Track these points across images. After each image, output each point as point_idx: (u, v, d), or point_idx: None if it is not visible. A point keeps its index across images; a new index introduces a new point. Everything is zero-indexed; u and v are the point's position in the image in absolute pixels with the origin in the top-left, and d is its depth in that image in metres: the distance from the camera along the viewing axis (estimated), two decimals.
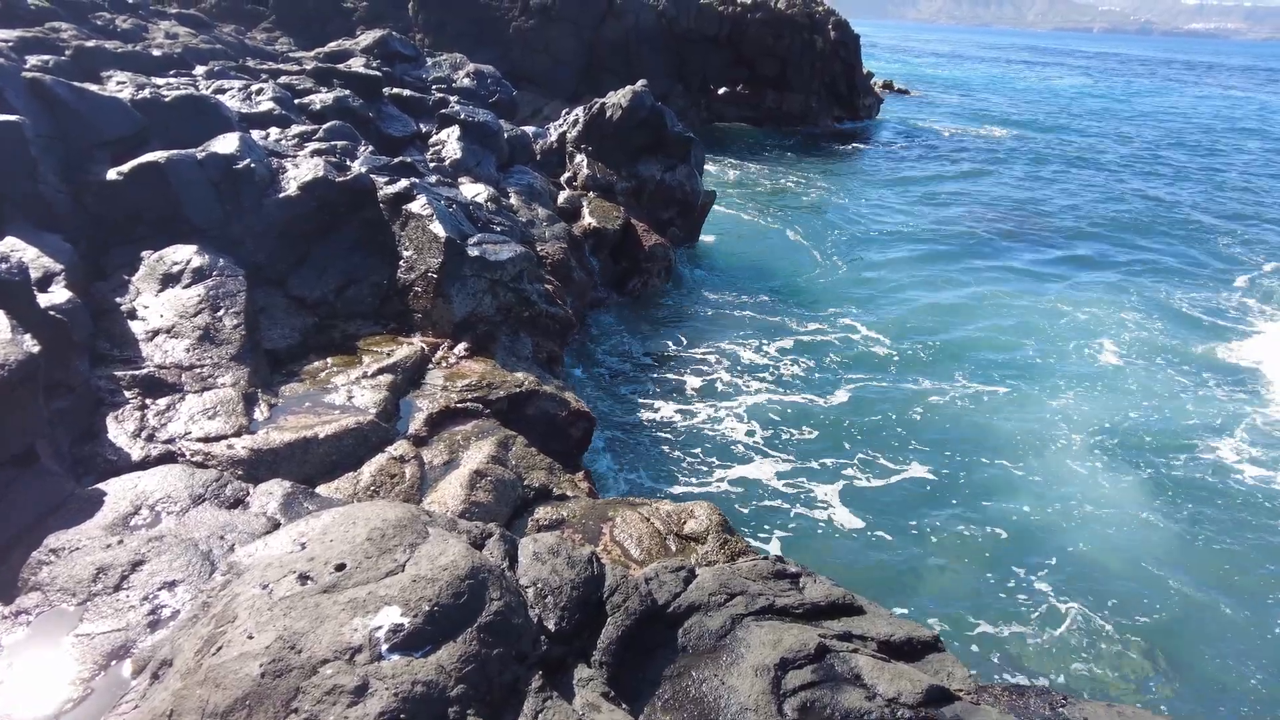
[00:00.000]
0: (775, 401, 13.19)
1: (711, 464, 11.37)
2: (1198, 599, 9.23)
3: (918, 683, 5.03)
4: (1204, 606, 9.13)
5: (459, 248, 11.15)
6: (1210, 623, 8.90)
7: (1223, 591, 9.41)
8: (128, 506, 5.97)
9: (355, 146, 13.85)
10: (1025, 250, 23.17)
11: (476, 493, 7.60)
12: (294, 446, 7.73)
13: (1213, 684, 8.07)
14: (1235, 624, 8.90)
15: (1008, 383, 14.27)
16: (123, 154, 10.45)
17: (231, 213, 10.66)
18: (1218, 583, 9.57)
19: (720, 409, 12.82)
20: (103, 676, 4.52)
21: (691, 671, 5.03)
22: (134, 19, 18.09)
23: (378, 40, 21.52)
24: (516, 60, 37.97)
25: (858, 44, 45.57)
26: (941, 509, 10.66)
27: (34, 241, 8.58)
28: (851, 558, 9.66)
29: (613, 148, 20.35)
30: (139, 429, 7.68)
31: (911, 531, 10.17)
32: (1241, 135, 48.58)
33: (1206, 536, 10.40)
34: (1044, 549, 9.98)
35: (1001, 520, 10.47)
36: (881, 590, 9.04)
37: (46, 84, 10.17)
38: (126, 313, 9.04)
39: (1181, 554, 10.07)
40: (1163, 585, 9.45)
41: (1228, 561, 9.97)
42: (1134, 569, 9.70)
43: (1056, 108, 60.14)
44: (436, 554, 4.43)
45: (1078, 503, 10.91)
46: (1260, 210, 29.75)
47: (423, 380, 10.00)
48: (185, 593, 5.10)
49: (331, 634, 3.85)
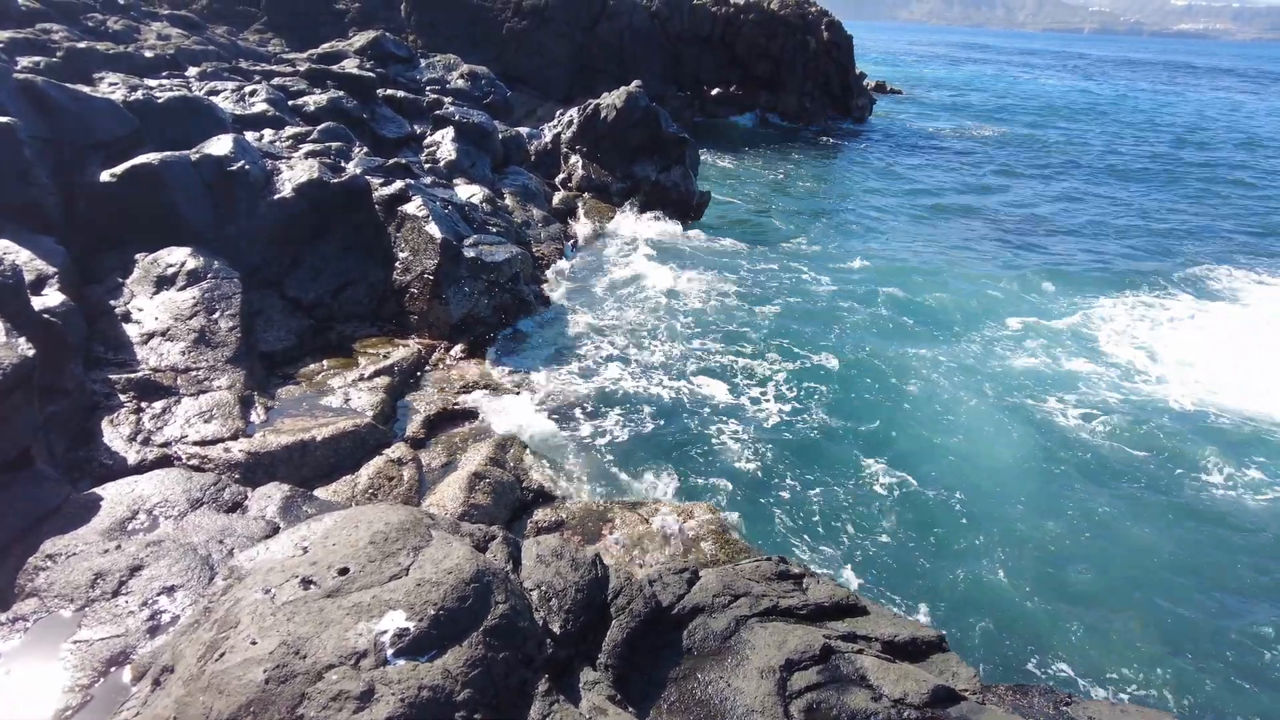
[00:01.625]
0: (766, 400, 13.17)
1: (707, 461, 11.33)
2: (1202, 599, 9.25)
3: (923, 683, 5.02)
4: (1209, 606, 9.15)
5: (455, 249, 11.11)
6: (1216, 620, 8.91)
7: (1228, 592, 9.43)
8: (125, 511, 5.91)
9: (350, 148, 13.79)
10: (998, 245, 23.78)
11: (475, 495, 7.57)
12: (291, 449, 7.68)
13: (1217, 682, 8.07)
14: (1242, 622, 8.92)
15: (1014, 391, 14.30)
16: (116, 156, 10.36)
17: (226, 215, 10.59)
18: (1222, 583, 9.60)
19: (711, 407, 12.79)
20: (102, 683, 4.46)
21: (697, 673, 5.01)
22: (125, 20, 17.97)
23: (371, 41, 21.45)
24: (510, 61, 37.89)
25: (850, 45, 45.66)
26: (944, 508, 10.65)
27: (27, 244, 8.49)
28: (852, 556, 9.64)
29: (608, 149, 20.33)
30: (134, 432, 7.62)
31: (911, 530, 10.16)
32: (1217, 137, 48.88)
33: (1209, 539, 10.43)
34: (1046, 546, 9.99)
35: (1004, 519, 10.48)
36: (886, 587, 9.03)
37: (39, 86, 10.08)
38: (121, 316, 8.97)
39: (1182, 553, 10.10)
40: (1167, 582, 9.47)
41: (1234, 561, 9.99)
42: (1138, 563, 9.72)
43: (1043, 108, 60.30)
44: (440, 557, 4.39)
45: (1073, 496, 10.92)
46: (1217, 212, 30.37)
47: (420, 382, 9.96)
48: (185, 598, 5.05)
49: (336, 639, 3.81)
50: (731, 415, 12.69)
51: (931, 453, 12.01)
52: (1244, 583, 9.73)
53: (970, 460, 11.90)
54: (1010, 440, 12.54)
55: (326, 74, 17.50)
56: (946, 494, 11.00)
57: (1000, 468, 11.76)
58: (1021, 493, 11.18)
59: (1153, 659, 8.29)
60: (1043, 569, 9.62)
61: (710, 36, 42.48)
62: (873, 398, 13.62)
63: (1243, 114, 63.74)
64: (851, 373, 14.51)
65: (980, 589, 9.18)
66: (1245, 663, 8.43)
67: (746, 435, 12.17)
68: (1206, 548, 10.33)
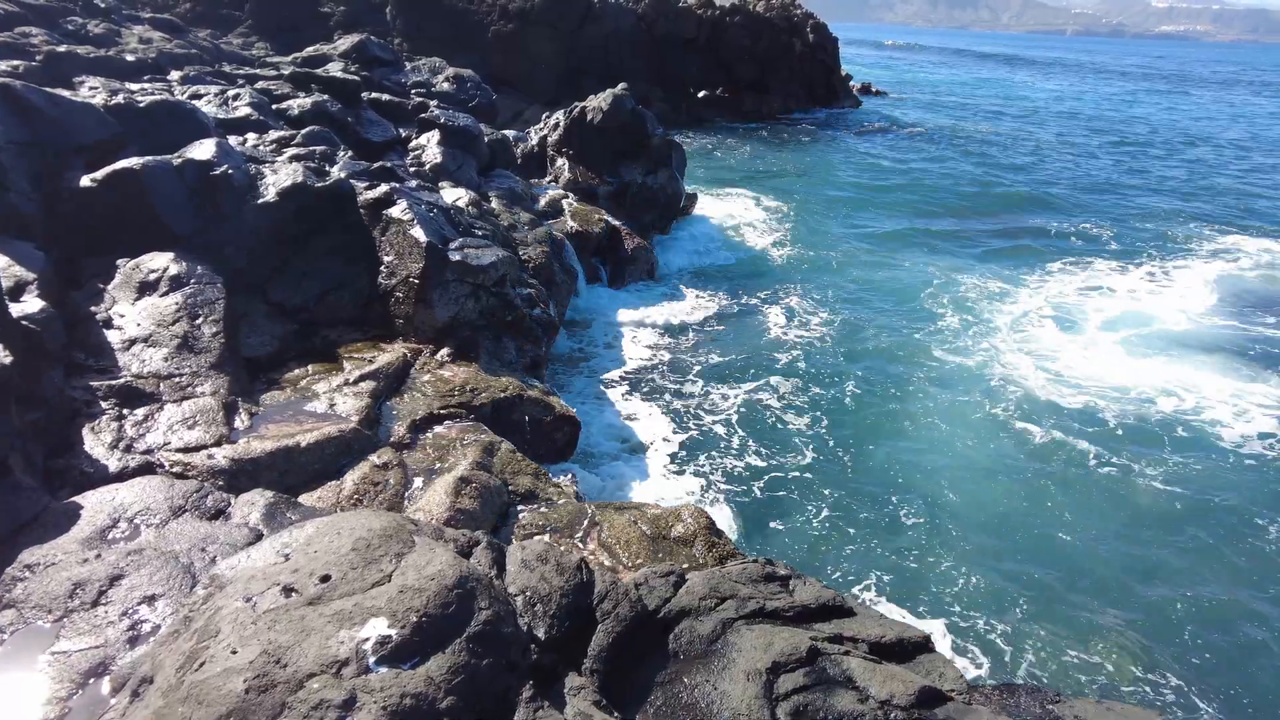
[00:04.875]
0: (751, 398, 13.19)
1: (695, 463, 11.34)
2: (1189, 594, 9.32)
3: (910, 684, 5.02)
4: (1196, 601, 9.22)
5: (440, 253, 11.07)
6: (1203, 616, 8.98)
7: (1220, 585, 9.51)
8: (105, 519, 5.84)
9: (334, 152, 13.72)
10: (960, 232, 25.01)
11: (462, 499, 7.52)
12: (275, 455, 7.61)
13: (1203, 678, 8.13)
14: (1232, 617, 8.99)
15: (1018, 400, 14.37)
16: (97, 161, 10.25)
17: (209, 219, 10.50)
18: (1211, 577, 9.68)
19: (697, 407, 12.81)
20: (80, 695, 4.40)
21: (683, 677, 4.99)
22: (106, 24, 17.83)
23: (356, 45, 21.36)
24: (496, 64, 37.84)
25: (836, 46, 45.90)
26: (938, 506, 10.70)
27: (5, 250, 8.39)
28: (840, 556, 9.67)
29: (594, 151, 20.33)
30: (116, 440, 7.53)
31: (908, 530, 10.20)
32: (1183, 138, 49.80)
33: (1202, 530, 10.52)
34: (1031, 541, 10.05)
35: (996, 518, 10.54)
36: (872, 588, 9.07)
37: (17, 90, 9.97)
38: (102, 322, 8.88)
39: (1173, 546, 10.18)
40: (1152, 578, 9.54)
41: (1225, 557, 10.08)
42: (1124, 561, 9.79)
43: (1022, 108, 60.74)
44: (423, 564, 4.36)
45: (1057, 492, 10.99)
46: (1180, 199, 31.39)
47: (405, 387, 9.90)
48: (166, 607, 5.00)
49: (317, 647, 3.77)
50: (718, 417, 12.71)
51: (917, 453, 12.07)
52: (1237, 575, 9.81)
53: (954, 460, 11.96)
54: (992, 434, 12.61)
55: (311, 78, 17.41)
56: (929, 494, 11.05)
57: (984, 468, 11.82)
58: (1005, 492, 11.25)
59: (1138, 656, 8.34)
60: (1027, 568, 9.68)
61: (696, 39, 42.57)
62: (854, 400, 13.68)
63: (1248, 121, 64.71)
64: (835, 377, 14.57)
65: (966, 588, 9.22)
66: (1233, 658, 8.50)
67: (733, 437, 12.19)
68: (1197, 542, 10.40)
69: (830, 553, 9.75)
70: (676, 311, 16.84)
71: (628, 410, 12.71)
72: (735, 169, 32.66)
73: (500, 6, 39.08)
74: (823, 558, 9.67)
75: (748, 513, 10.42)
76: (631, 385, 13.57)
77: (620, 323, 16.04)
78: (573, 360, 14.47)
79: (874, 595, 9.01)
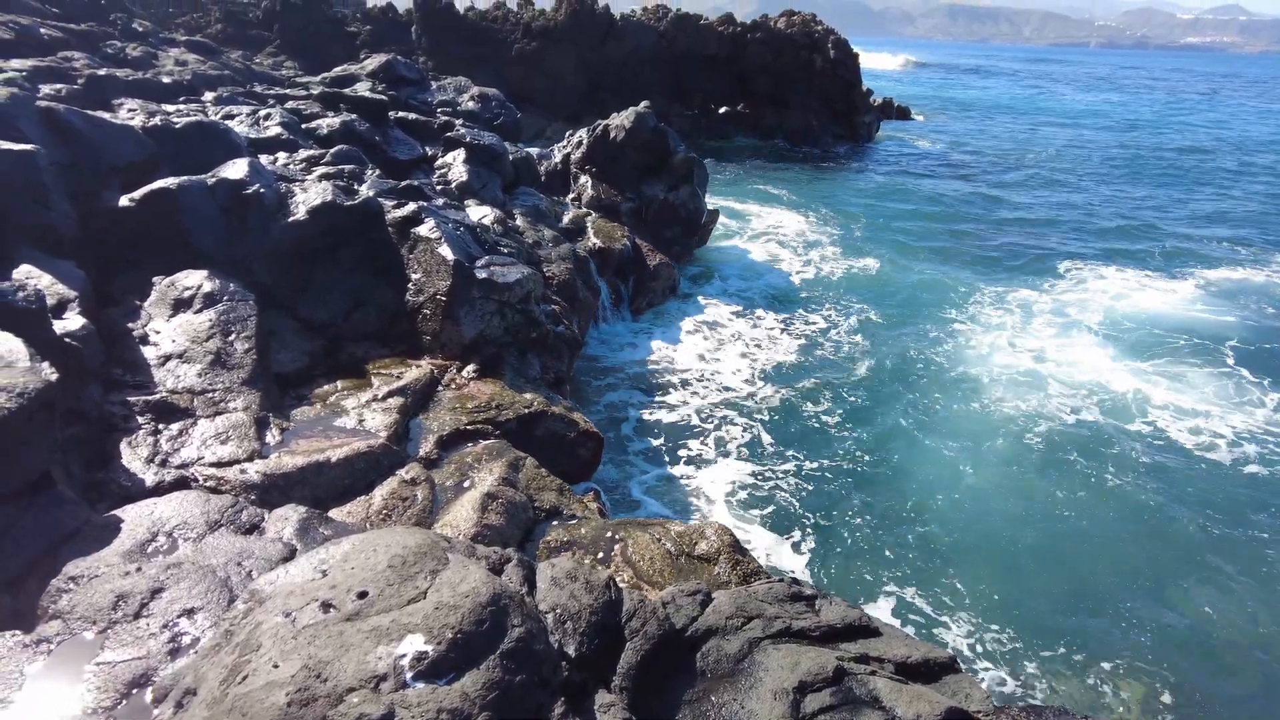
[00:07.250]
0: (771, 418, 13.21)
1: (716, 479, 11.37)
2: (1219, 619, 9.20)
3: (936, 704, 5.03)
4: (1227, 626, 9.10)
5: (467, 270, 11.23)
6: (1235, 647, 8.86)
7: (1252, 619, 9.37)
8: (145, 533, 5.99)
9: (363, 170, 13.97)
10: (981, 256, 24.47)
11: (489, 515, 7.62)
12: (306, 470, 7.75)
13: (1229, 709, 8.02)
14: (1263, 652, 8.86)
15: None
16: (134, 180, 10.55)
17: (241, 237, 10.75)
18: (1245, 602, 9.55)
19: (717, 425, 12.85)
20: (124, 705, 4.52)
21: (710, 696, 5.03)
22: (144, 47, 18.31)
23: (383, 64, 21.75)
24: (519, 82, 38.30)
25: (856, 62, 45.95)
26: (964, 527, 10.66)
27: (47, 269, 8.65)
28: (864, 575, 9.65)
29: (617, 168, 20.51)
30: (152, 455, 7.71)
31: (932, 549, 10.16)
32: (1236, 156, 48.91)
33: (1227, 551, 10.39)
34: (1059, 563, 9.98)
35: (1023, 541, 10.47)
36: (898, 607, 9.04)
37: (59, 113, 10.29)
38: (138, 338, 9.10)
39: (1206, 567, 10.06)
40: (1184, 602, 9.43)
41: (1256, 582, 9.94)
42: (1157, 584, 9.69)
43: (1041, 125, 60.44)
44: (458, 580, 4.45)
45: (1088, 517, 10.90)
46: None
47: (432, 403, 10.04)
48: (205, 620, 5.12)
49: (356, 662, 3.87)
50: (743, 436, 12.74)
51: (943, 475, 12.02)
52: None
53: (982, 480, 11.90)
54: (1024, 455, 12.54)
55: (339, 97, 17.76)
56: (955, 513, 11.00)
57: (1013, 488, 11.75)
58: (1034, 513, 11.17)
59: (1167, 680, 8.24)
60: (1056, 587, 9.60)
61: (717, 56, 42.82)
62: (878, 420, 13.64)
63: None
64: (856, 398, 14.55)
65: (992, 609, 9.17)
66: (1270, 677, 8.37)
67: (756, 455, 12.21)
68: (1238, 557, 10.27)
69: (854, 572, 9.73)
70: (696, 328, 16.93)
71: (649, 427, 12.78)
72: (755, 185, 32.77)
73: (524, 25, 39.59)
74: (845, 576, 9.66)
75: (770, 529, 10.43)
76: (651, 402, 13.65)
77: (639, 341, 16.14)
78: (594, 376, 14.57)
79: (897, 615, 8.98)
